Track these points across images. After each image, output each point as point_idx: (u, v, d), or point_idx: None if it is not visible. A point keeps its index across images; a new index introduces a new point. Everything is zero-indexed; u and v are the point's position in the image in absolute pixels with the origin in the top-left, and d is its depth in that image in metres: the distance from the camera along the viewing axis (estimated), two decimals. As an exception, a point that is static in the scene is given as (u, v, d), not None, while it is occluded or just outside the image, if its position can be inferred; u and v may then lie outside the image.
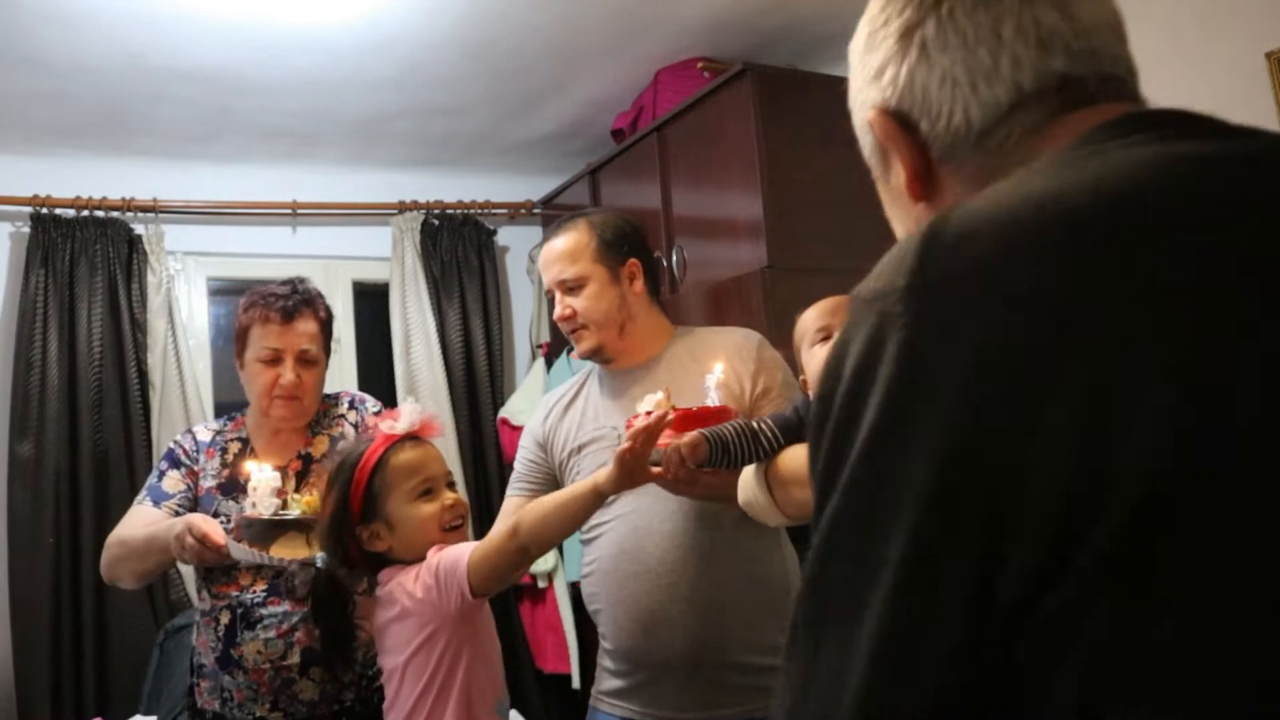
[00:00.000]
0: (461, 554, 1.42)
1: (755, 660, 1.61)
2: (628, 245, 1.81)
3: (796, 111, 2.68)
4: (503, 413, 3.71)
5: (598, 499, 1.45)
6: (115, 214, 3.38)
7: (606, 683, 1.74)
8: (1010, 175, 0.59)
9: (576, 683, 3.39)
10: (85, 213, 3.33)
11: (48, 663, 3.07)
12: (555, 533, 1.46)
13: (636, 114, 3.23)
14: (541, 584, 3.48)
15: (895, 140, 0.69)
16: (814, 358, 1.39)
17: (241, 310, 1.97)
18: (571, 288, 1.77)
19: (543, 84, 3.17)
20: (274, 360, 1.90)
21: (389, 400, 3.72)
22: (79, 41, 2.61)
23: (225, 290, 3.78)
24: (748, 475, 1.42)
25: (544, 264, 1.82)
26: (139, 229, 3.43)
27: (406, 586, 1.45)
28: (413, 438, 1.55)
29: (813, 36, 2.92)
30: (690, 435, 1.41)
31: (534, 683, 3.53)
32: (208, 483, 1.92)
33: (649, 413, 1.47)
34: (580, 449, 1.80)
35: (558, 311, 1.79)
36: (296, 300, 1.94)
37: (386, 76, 3.00)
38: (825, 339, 1.37)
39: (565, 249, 1.79)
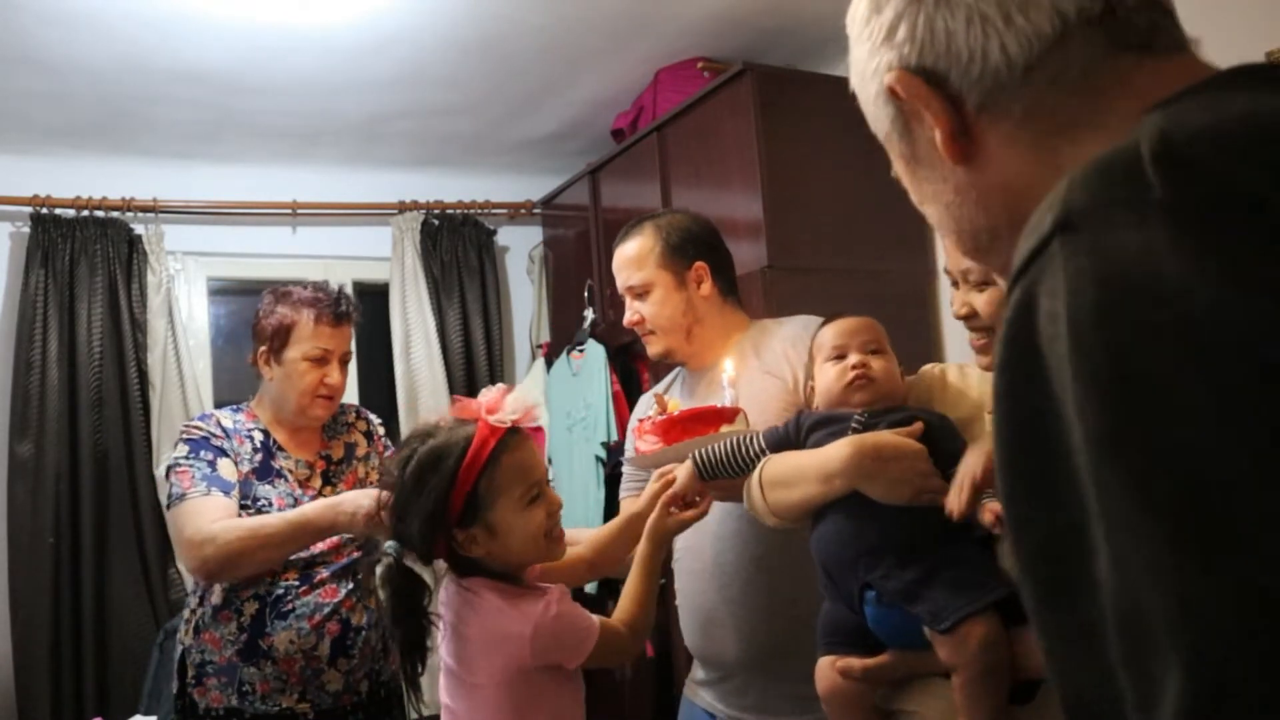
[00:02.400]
0: (587, 636, 1.33)
1: (805, 668, 1.57)
2: (693, 248, 1.78)
3: (796, 111, 2.68)
4: (503, 413, 3.70)
5: (660, 554, 1.48)
6: (115, 214, 3.38)
7: (693, 672, 1.79)
8: (1071, 123, 0.54)
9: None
10: (85, 213, 3.33)
11: (48, 663, 3.07)
12: (651, 607, 1.45)
13: (636, 114, 3.23)
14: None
15: (925, 99, 0.61)
16: (824, 373, 1.40)
17: (280, 307, 1.96)
18: (639, 293, 1.77)
19: (543, 84, 3.17)
20: (322, 360, 1.94)
21: (389, 400, 3.75)
22: (79, 42, 2.61)
23: (225, 290, 3.78)
24: (747, 484, 1.44)
25: (614, 269, 1.83)
26: (139, 229, 3.43)
27: (514, 635, 1.29)
28: (515, 430, 1.36)
29: (813, 36, 2.92)
30: (682, 476, 1.45)
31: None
32: (244, 468, 1.91)
33: (651, 418, 1.50)
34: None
35: (627, 317, 1.79)
36: (346, 305, 2.02)
37: (387, 76, 3.00)
38: (839, 358, 1.38)
39: (631, 255, 1.77)
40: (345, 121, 3.37)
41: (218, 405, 3.46)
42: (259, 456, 1.92)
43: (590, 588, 3.14)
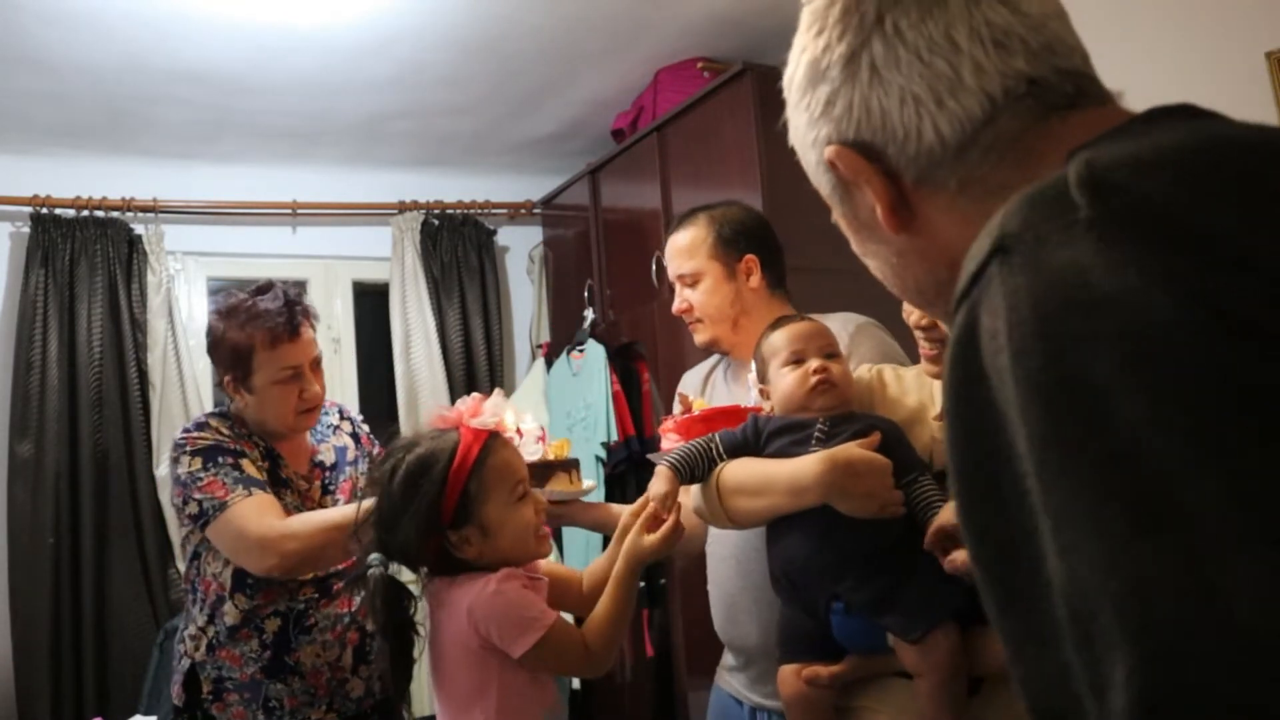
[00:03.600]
0: (531, 625, 1.31)
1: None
2: (745, 241, 1.82)
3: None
4: (503, 413, 3.71)
5: (636, 573, 1.43)
6: (115, 214, 3.38)
7: (723, 659, 1.81)
8: (1004, 185, 0.57)
9: (576, 683, 3.39)
10: (85, 213, 3.33)
11: (48, 663, 3.07)
12: (619, 631, 1.41)
13: (636, 114, 3.23)
14: (541, 584, 3.48)
15: (863, 173, 0.64)
16: (782, 378, 1.41)
17: (229, 330, 1.82)
18: (690, 282, 1.80)
19: (543, 84, 3.17)
20: (293, 378, 1.83)
21: (389, 400, 3.75)
22: (79, 42, 2.61)
23: (225, 290, 3.78)
24: (695, 487, 1.47)
25: (668, 257, 1.85)
26: (139, 229, 3.43)
27: (470, 620, 1.32)
28: (496, 434, 1.42)
29: (813, 36, 2.92)
30: (662, 486, 1.44)
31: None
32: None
33: (673, 415, 1.52)
34: None
35: (676, 304, 1.83)
36: (296, 312, 1.85)
37: (387, 76, 3.00)
38: (797, 363, 1.40)
39: (684, 244, 1.81)
40: (345, 121, 3.37)
41: (217, 405, 3.47)
42: (266, 464, 1.86)
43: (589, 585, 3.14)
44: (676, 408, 1.61)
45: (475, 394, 1.49)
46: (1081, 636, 0.42)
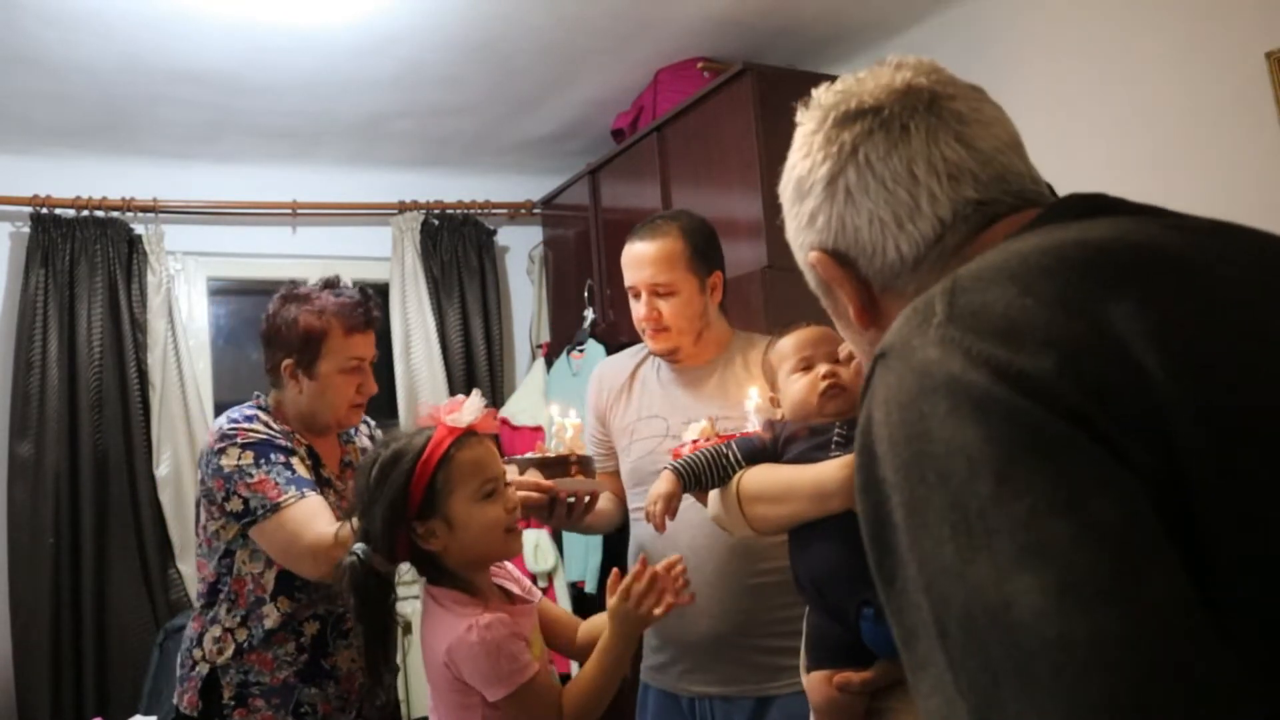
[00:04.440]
0: (508, 676, 1.33)
1: (774, 642, 1.68)
2: (713, 255, 1.85)
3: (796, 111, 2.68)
4: (503, 413, 3.71)
5: (629, 641, 1.45)
6: (115, 214, 3.38)
7: (649, 659, 1.85)
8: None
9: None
10: (85, 213, 3.33)
11: (48, 663, 3.07)
12: (600, 702, 1.42)
13: (636, 114, 3.23)
14: (542, 584, 3.47)
15: (838, 279, 0.76)
16: (791, 384, 1.41)
17: (304, 314, 1.82)
18: (663, 292, 1.79)
19: (543, 84, 3.17)
20: (357, 370, 1.84)
21: (389, 401, 3.75)
22: (79, 42, 2.61)
23: (225, 290, 3.79)
24: (714, 495, 1.46)
25: (634, 264, 1.82)
26: (139, 229, 3.43)
27: (456, 656, 1.35)
28: (472, 432, 1.46)
29: (813, 36, 2.92)
30: (665, 488, 1.43)
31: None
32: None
33: (695, 441, 1.50)
34: (630, 432, 1.88)
35: (643, 313, 1.80)
36: (370, 307, 1.88)
37: (387, 76, 3.00)
38: (806, 369, 1.40)
39: (660, 254, 1.79)
40: (345, 121, 3.37)
41: (217, 405, 3.48)
42: (310, 463, 1.83)
43: (590, 587, 3.14)
44: (689, 436, 1.58)
45: (460, 395, 1.53)
46: (953, 674, 0.50)
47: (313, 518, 1.67)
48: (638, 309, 1.82)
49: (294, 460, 1.76)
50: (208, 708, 1.75)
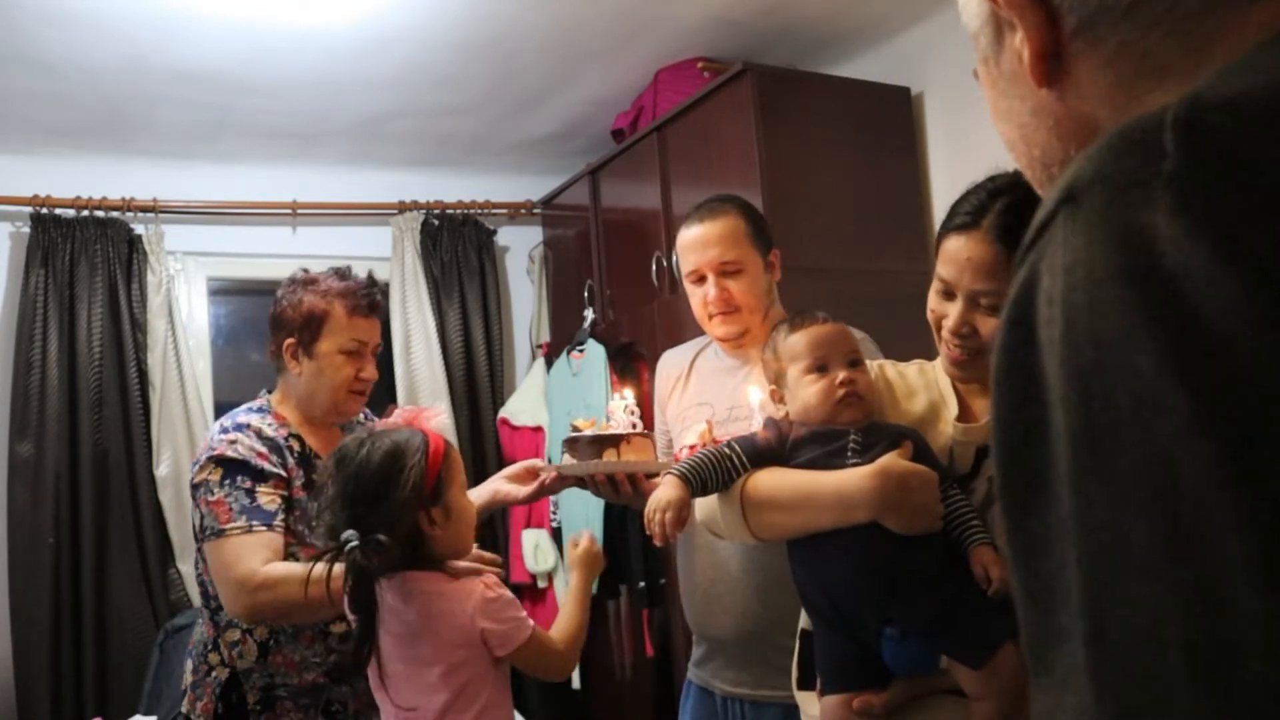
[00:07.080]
0: (519, 628, 1.50)
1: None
2: (769, 233, 1.84)
3: (796, 111, 2.68)
4: (503, 413, 3.71)
5: (587, 581, 1.69)
6: (115, 214, 3.38)
7: (693, 653, 1.85)
8: (1162, 67, 0.48)
9: (576, 683, 3.39)
10: (85, 213, 3.33)
11: (48, 663, 3.07)
12: (583, 638, 1.64)
13: (636, 114, 3.23)
14: (542, 584, 3.48)
15: (1021, 10, 0.54)
16: (803, 387, 1.33)
17: (308, 295, 1.83)
18: (730, 272, 1.75)
19: (543, 84, 3.17)
20: (356, 353, 1.84)
21: (389, 401, 3.74)
22: (79, 42, 2.61)
23: (225, 290, 3.79)
24: (711, 499, 1.39)
25: (698, 246, 1.77)
26: (139, 229, 3.43)
27: (464, 620, 1.46)
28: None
29: (813, 36, 2.92)
30: (671, 494, 1.36)
31: (534, 683, 3.53)
32: (297, 483, 1.79)
33: (692, 446, 1.46)
34: (682, 419, 1.87)
35: (713, 294, 1.75)
36: (375, 294, 1.90)
37: (386, 76, 3.00)
38: (819, 371, 1.32)
39: (725, 232, 1.76)
40: (345, 121, 3.37)
41: (217, 405, 3.48)
42: (301, 471, 1.81)
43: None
44: (690, 439, 1.56)
45: (427, 407, 1.65)
46: (1096, 661, 0.38)
47: (249, 553, 1.67)
48: (704, 293, 1.76)
49: (261, 488, 1.73)
50: (229, 713, 1.72)
